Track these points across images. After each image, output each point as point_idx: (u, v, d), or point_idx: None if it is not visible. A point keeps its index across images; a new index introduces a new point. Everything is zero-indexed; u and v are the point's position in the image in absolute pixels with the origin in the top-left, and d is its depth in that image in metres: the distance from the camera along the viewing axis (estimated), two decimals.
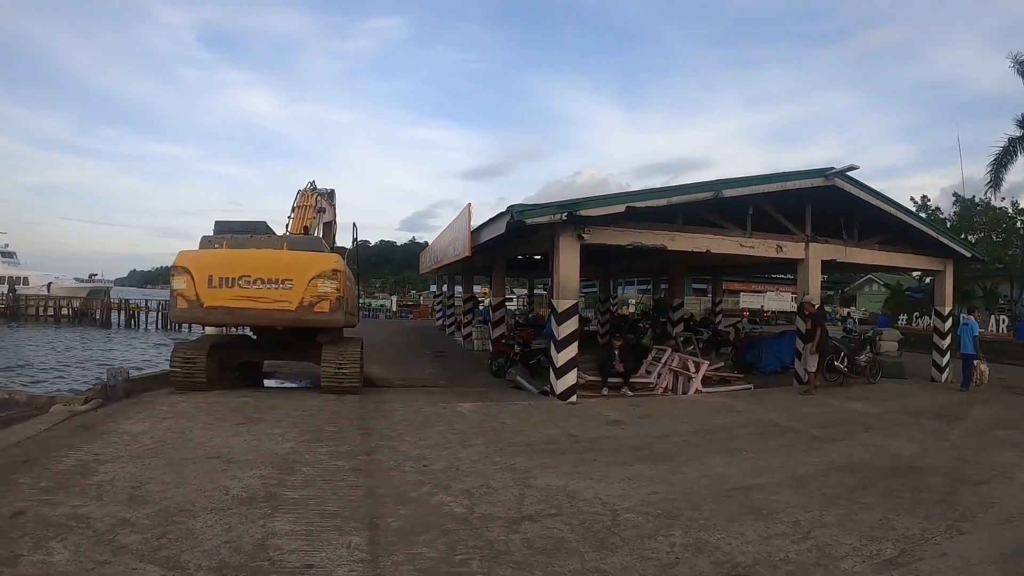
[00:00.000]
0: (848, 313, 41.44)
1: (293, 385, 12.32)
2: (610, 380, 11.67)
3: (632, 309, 29.65)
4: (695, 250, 11.52)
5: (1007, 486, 6.27)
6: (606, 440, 7.37)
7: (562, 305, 10.03)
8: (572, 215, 9.52)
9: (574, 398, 10.08)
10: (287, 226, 11.15)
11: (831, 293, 54.10)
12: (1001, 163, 26.88)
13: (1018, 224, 28.95)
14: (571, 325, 10.09)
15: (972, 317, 14.34)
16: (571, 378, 10.13)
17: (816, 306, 12.48)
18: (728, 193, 10.82)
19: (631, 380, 12.05)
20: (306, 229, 11.03)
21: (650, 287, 33.44)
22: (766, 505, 5.16)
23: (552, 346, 10.39)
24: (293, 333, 9.80)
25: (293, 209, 11.44)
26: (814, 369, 11.78)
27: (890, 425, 9.14)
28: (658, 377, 12.62)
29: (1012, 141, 26.49)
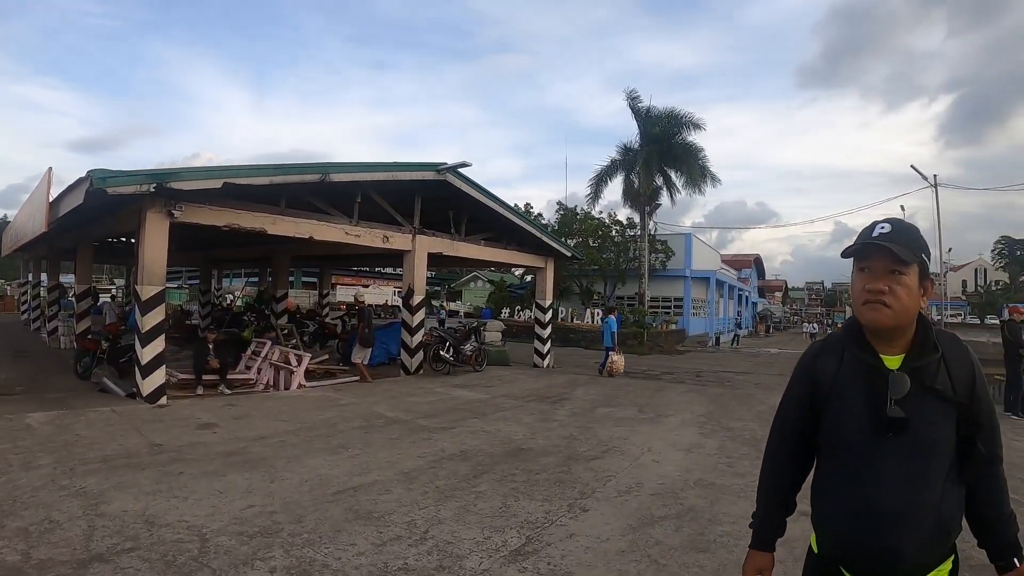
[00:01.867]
0: (442, 305, 46.39)
1: None
2: (205, 378, 11.32)
3: (238, 301, 28.80)
4: (298, 235, 11.49)
5: (619, 459, 6.93)
6: (195, 447, 6.84)
7: (147, 292, 9.16)
8: (162, 187, 8.76)
9: (164, 400, 9.31)
10: None
11: (438, 288, 60.24)
12: (602, 180, 33.49)
13: (613, 232, 35.87)
14: (157, 316, 9.19)
15: (611, 316, 17.47)
16: (159, 377, 9.33)
17: (364, 302, 13.96)
18: (336, 178, 11.07)
19: (228, 377, 11.87)
20: None
21: (259, 279, 33.09)
22: (376, 507, 5.03)
23: (137, 341, 9.42)
24: None
25: None
26: (358, 361, 12.83)
27: (498, 410, 9.94)
28: (259, 373, 12.65)
29: (614, 162, 33.09)
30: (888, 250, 1.65)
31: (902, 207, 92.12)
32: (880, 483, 1.68)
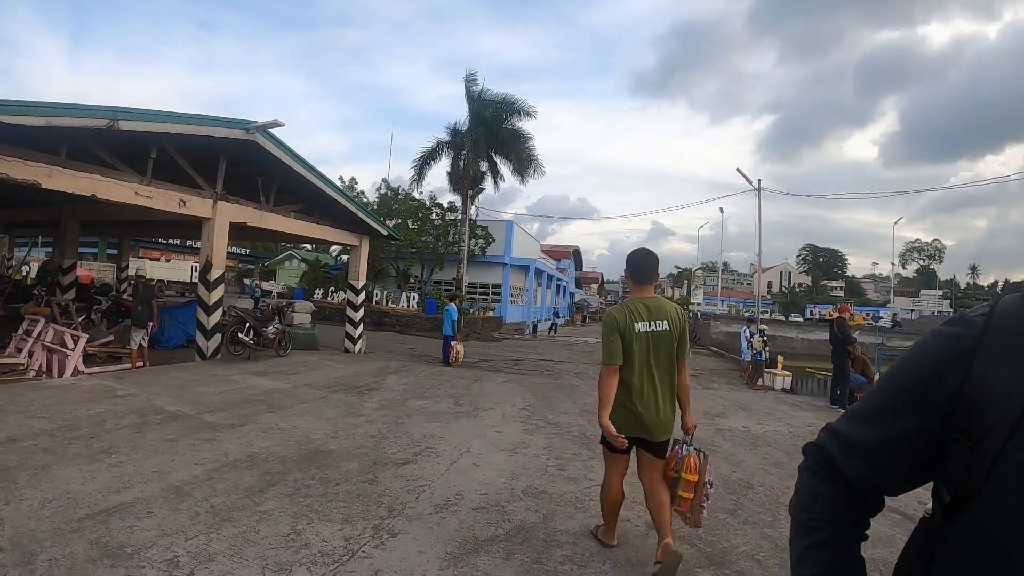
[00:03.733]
0: (256, 284, 44.86)
1: None
2: None
3: (31, 273, 26.00)
4: (78, 192, 10.26)
5: (434, 462, 6.47)
6: None
7: None
8: None
9: None
10: None
11: (252, 267, 58.24)
12: (427, 161, 33.40)
13: (433, 215, 35.76)
14: None
15: (452, 304, 17.17)
16: None
17: (144, 278, 12.91)
18: (128, 126, 10.03)
19: None
20: None
21: (54, 247, 30.21)
22: (132, 537, 4.18)
23: None
24: None
25: None
26: (135, 346, 11.93)
27: (298, 402, 9.34)
28: (30, 356, 11.33)
29: (440, 143, 33.04)
30: None
31: (721, 209, 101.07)
32: None
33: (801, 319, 59.51)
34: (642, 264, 4.42)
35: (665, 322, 4.24)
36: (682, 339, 4.28)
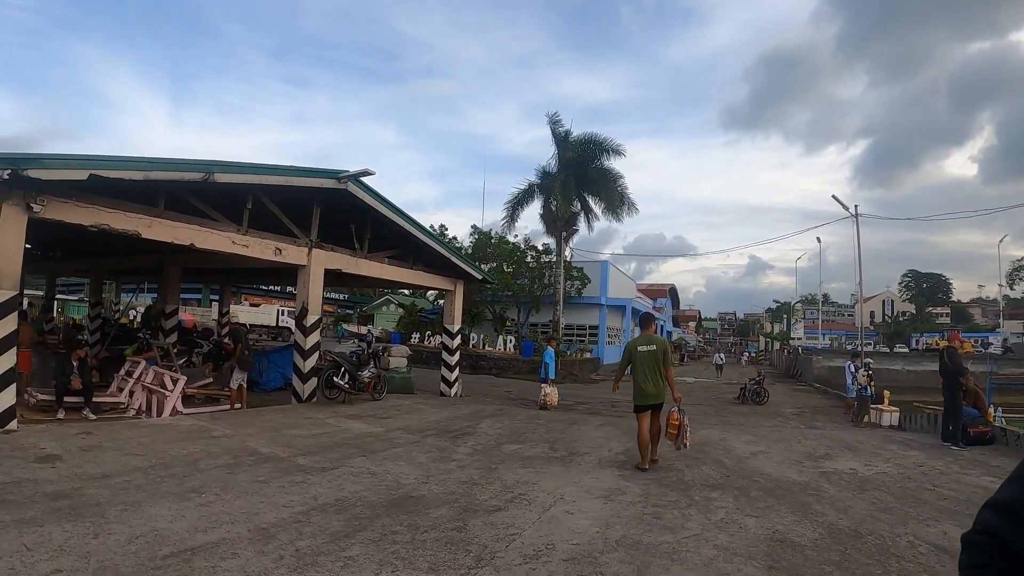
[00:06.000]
0: (369, 329, 45.71)
1: None
2: (68, 400, 10.42)
3: (138, 317, 27.59)
4: (176, 241, 10.53)
5: (526, 510, 6.14)
6: (22, 486, 5.82)
7: None
8: (17, 174, 7.67)
9: (13, 424, 8.20)
10: None
11: (350, 312, 59.91)
12: (518, 204, 33.63)
13: (528, 258, 35.73)
14: (6, 326, 8.50)
15: (550, 347, 17.04)
16: (7, 397, 8.19)
17: (236, 322, 13.11)
18: (223, 178, 10.28)
19: (96, 400, 10.94)
20: None
21: (158, 293, 31.92)
22: None
23: None
24: None
25: None
26: (236, 386, 12.14)
27: (391, 446, 9.12)
28: (131, 396, 11.67)
29: (531, 186, 33.25)
30: None
31: (818, 239, 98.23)
32: None
33: (907, 350, 55.99)
34: (644, 321, 9.48)
35: (654, 346, 8.56)
36: (664, 354, 8.57)
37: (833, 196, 39.18)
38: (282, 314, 46.30)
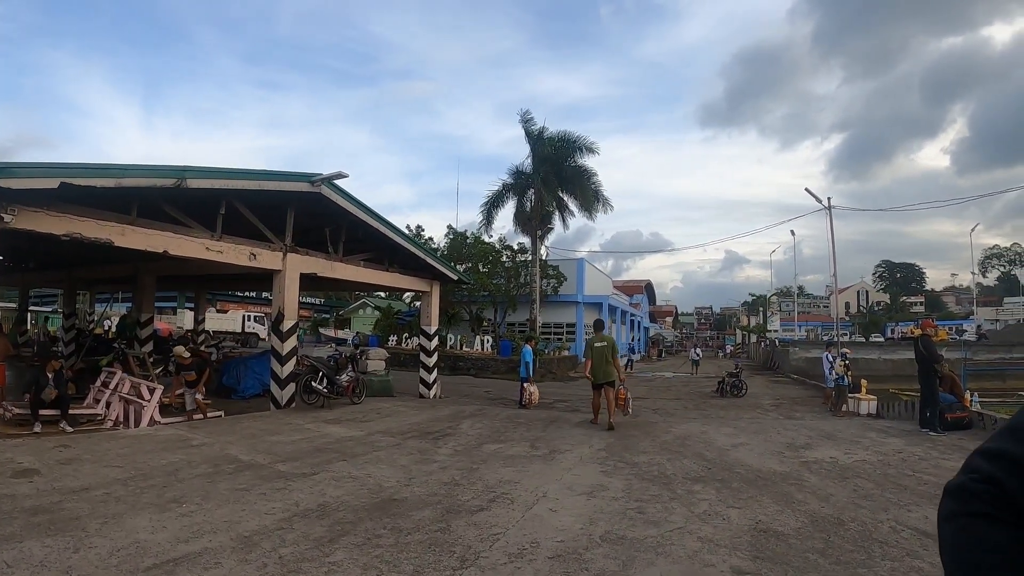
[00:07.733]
0: (357, 332, 45.46)
1: None
2: (44, 412, 10.27)
3: (112, 327, 27.24)
4: (150, 249, 10.39)
5: (509, 509, 6.12)
6: (1, 501, 5.77)
7: None
8: None
9: None
10: None
11: (327, 316, 59.64)
12: (494, 204, 33.66)
13: (503, 258, 35.73)
14: None
15: (528, 346, 16.99)
16: None
17: (189, 357, 12.93)
18: (195, 184, 10.15)
19: (72, 412, 10.79)
20: None
21: (133, 302, 31.59)
22: None
23: None
24: None
25: None
26: (198, 397, 11.95)
27: (371, 449, 9.09)
28: (108, 407, 11.50)
29: (506, 186, 33.24)
30: None
31: (792, 232, 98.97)
32: None
33: (882, 339, 56.82)
34: (597, 325, 13.36)
35: (604, 343, 12.36)
36: (612, 349, 12.34)
37: (806, 189, 39.66)
38: (248, 319, 45.80)
